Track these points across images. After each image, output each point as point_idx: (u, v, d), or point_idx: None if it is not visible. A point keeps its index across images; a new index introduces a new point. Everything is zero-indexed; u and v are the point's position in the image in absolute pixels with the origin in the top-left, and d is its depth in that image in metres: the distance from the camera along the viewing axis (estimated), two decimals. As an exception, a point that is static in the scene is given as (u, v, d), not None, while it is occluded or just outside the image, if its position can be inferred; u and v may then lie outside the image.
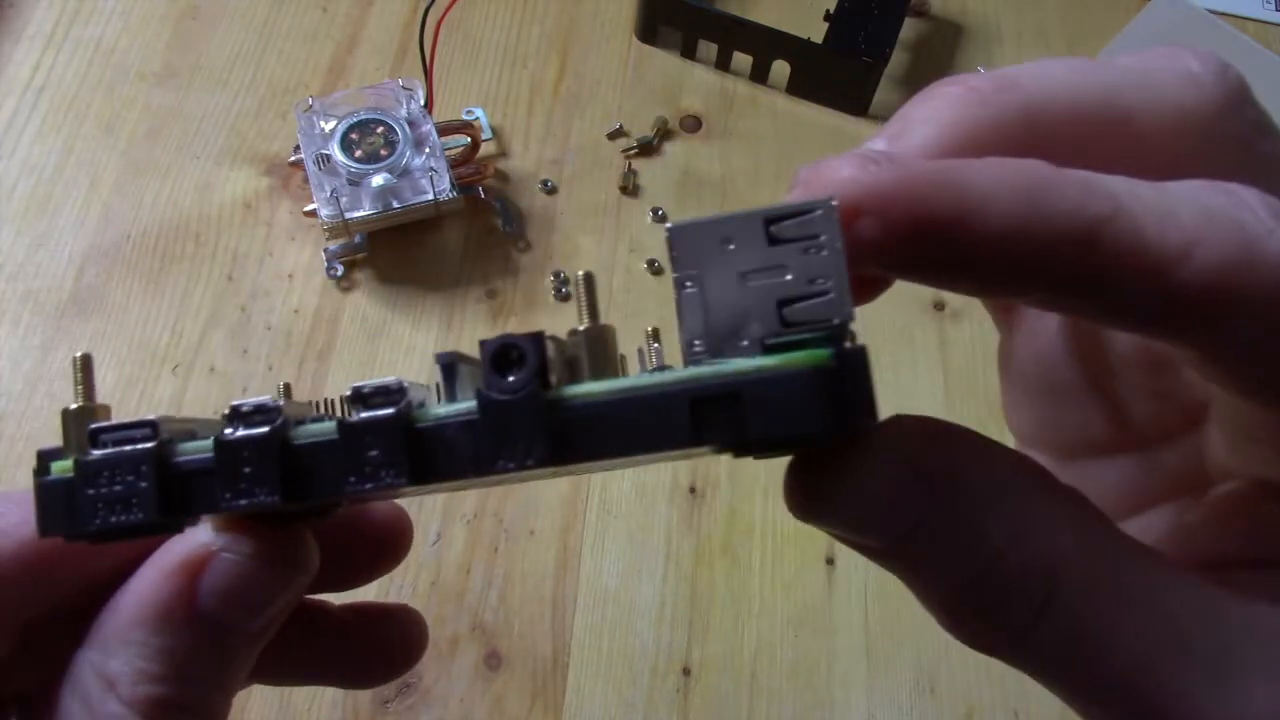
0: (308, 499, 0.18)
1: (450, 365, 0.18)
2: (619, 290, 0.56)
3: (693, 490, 0.51)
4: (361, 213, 0.53)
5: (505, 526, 0.49)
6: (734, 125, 0.63)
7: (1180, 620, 0.18)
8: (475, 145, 0.57)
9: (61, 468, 0.18)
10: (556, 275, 0.56)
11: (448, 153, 0.56)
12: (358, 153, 0.54)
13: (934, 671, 0.47)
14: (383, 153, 0.54)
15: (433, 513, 0.49)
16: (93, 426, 0.18)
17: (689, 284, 0.16)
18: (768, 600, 0.48)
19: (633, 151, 0.60)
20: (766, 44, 0.62)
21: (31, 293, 0.53)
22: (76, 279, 0.54)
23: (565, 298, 0.55)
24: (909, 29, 0.67)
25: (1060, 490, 0.19)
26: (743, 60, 0.64)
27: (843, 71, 0.62)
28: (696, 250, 0.16)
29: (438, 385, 0.18)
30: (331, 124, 0.55)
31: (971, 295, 0.19)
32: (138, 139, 0.58)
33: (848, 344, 0.16)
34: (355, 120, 0.55)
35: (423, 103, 0.57)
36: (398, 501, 0.27)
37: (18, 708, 0.23)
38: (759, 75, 0.64)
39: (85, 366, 0.20)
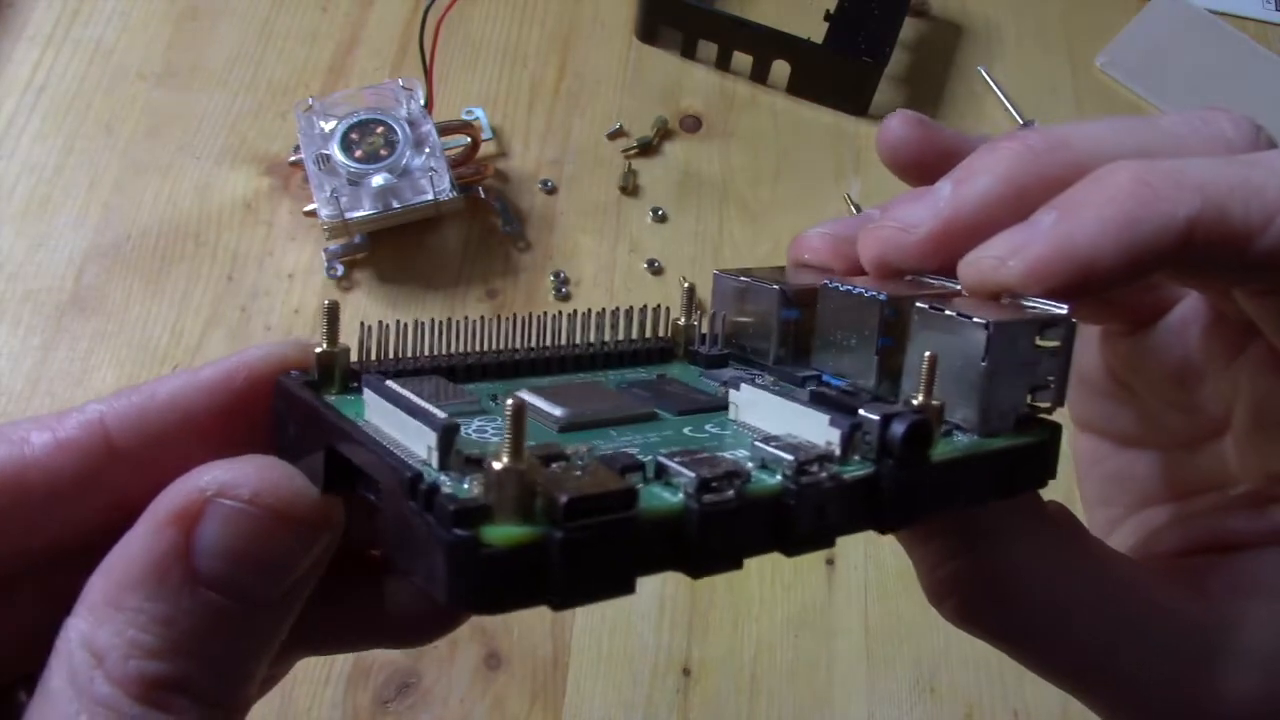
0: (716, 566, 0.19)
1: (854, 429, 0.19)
2: (619, 290, 0.56)
3: (693, 490, 0.51)
4: (361, 213, 0.53)
5: (505, 526, 0.49)
6: (734, 125, 0.63)
7: (1141, 612, 0.22)
8: (475, 145, 0.57)
9: (507, 536, 0.15)
10: (556, 275, 0.56)
11: (448, 153, 0.56)
12: (358, 153, 0.54)
13: (934, 671, 0.47)
14: (383, 153, 0.54)
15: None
16: (572, 498, 0.16)
17: (998, 373, 0.20)
18: (768, 600, 0.48)
19: (633, 151, 0.60)
20: (766, 44, 0.62)
21: (31, 293, 0.53)
22: (76, 279, 0.54)
23: (565, 297, 0.55)
24: (909, 29, 0.67)
25: (1039, 506, 0.22)
26: (743, 60, 0.64)
27: (843, 71, 0.62)
28: (1008, 346, 0.20)
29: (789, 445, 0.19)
30: (331, 124, 0.55)
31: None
32: (138, 139, 0.58)
33: (1049, 424, 0.21)
34: (355, 120, 0.55)
35: (423, 103, 0.57)
36: None
37: (29, 688, 0.19)
38: (759, 75, 0.64)
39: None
